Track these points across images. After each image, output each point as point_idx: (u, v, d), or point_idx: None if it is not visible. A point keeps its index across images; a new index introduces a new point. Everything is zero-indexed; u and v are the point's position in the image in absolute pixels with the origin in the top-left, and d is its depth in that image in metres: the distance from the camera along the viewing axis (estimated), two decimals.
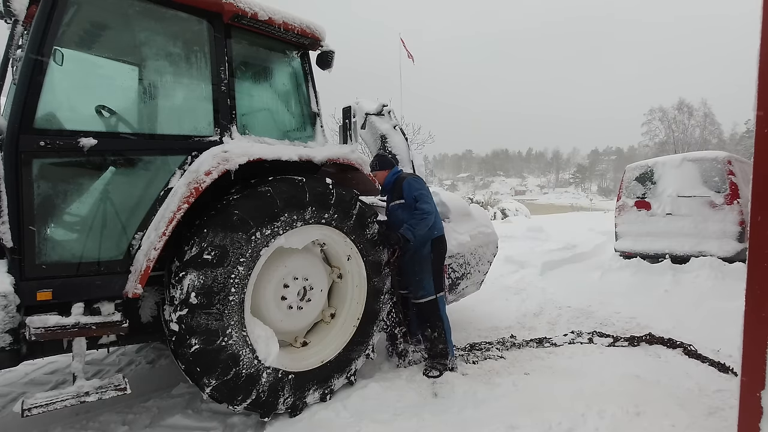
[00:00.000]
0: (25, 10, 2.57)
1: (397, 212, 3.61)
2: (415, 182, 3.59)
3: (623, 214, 7.19)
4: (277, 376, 2.81)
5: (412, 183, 3.58)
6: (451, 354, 3.60)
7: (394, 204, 3.66)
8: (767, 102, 1.59)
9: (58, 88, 2.36)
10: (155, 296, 2.76)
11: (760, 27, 1.60)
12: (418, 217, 3.42)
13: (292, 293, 3.04)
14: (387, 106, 4.97)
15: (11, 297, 2.11)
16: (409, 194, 3.52)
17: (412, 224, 3.39)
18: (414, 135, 16.84)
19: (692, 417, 2.72)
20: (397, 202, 3.63)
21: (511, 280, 6.81)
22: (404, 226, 3.40)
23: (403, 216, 3.54)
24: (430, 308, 3.58)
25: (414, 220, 3.41)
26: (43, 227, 2.27)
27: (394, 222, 3.63)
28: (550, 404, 2.89)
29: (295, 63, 3.35)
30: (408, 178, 3.62)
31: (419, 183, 3.60)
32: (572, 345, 4.10)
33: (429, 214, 3.43)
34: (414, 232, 3.37)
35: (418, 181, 3.63)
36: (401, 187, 3.59)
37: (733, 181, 6.09)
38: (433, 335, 3.57)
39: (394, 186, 3.67)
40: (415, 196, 3.49)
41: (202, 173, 2.52)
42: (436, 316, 3.59)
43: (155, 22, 2.70)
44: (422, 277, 3.56)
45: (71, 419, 2.92)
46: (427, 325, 3.61)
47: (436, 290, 3.60)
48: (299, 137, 3.31)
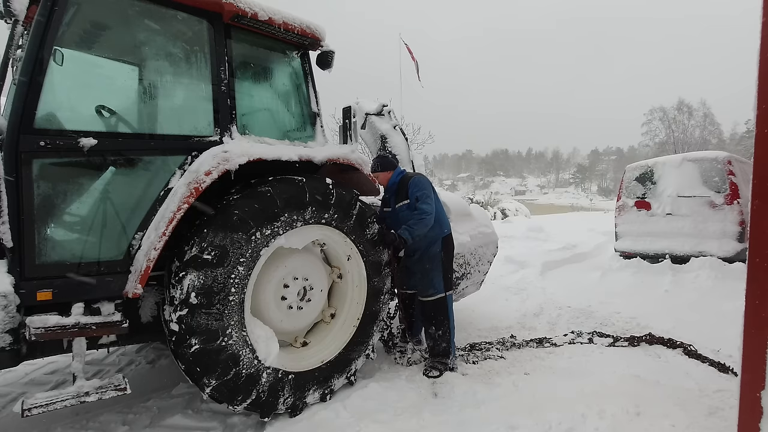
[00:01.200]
0: (25, 10, 2.57)
1: (404, 213, 3.52)
2: (420, 182, 3.53)
3: (623, 214, 7.19)
4: (277, 376, 2.81)
5: (417, 182, 3.52)
6: (453, 354, 3.59)
7: (400, 205, 3.57)
8: (767, 102, 1.59)
9: (58, 88, 2.36)
10: (155, 296, 2.77)
11: (760, 27, 1.60)
12: (417, 217, 3.38)
13: (292, 293, 3.04)
14: (387, 106, 4.98)
15: (11, 297, 2.11)
16: (411, 194, 3.48)
17: (411, 224, 3.36)
18: (414, 135, 16.85)
19: (692, 417, 2.72)
20: (404, 203, 3.54)
21: (511, 280, 6.80)
22: (403, 226, 3.37)
23: (408, 217, 3.48)
24: (438, 306, 3.56)
25: (413, 220, 3.38)
26: (43, 227, 2.27)
27: (399, 224, 3.52)
28: (550, 404, 2.89)
29: (295, 63, 3.35)
30: (414, 178, 3.56)
31: (423, 183, 3.53)
32: (572, 345, 4.10)
33: (428, 215, 3.39)
34: (412, 233, 3.33)
35: (423, 180, 3.56)
36: (407, 187, 3.53)
37: (733, 181, 6.09)
38: (437, 333, 3.55)
39: (399, 187, 3.60)
40: (417, 195, 3.45)
41: (202, 173, 2.52)
42: (443, 314, 3.56)
43: (155, 22, 2.70)
44: (433, 275, 3.53)
45: (71, 419, 2.92)
46: (432, 323, 3.58)
47: (445, 288, 3.58)
48: (299, 137, 3.31)
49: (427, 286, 3.55)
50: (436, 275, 3.54)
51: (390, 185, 3.65)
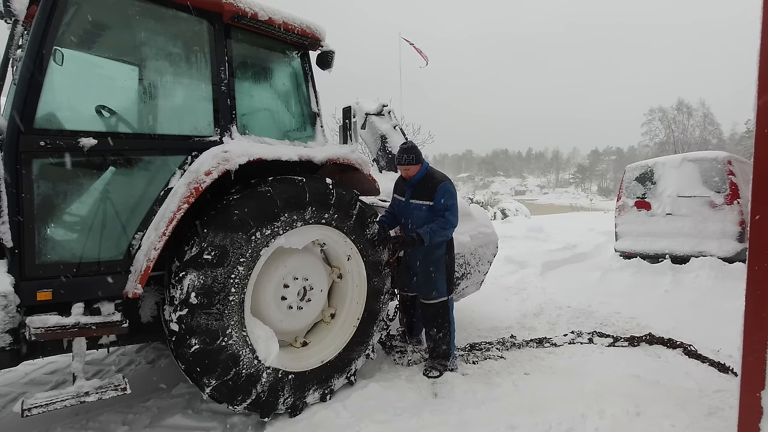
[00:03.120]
0: (25, 10, 2.57)
1: (421, 212, 3.45)
2: (451, 190, 3.43)
3: (623, 214, 7.19)
4: (277, 376, 2.81)
5: (448, 190, 3.41)
6: (453, 356, 3.59)
7: (418, 203, 3.46)
8: (767, 102, 1.59)
9: (58, 88, 2.36)
10: (155, 296, 2.76)
11: (760, 27, 1.60)
12: (441, 224, 3.33)
13: (292, 293, 3.04)
14: (387, 106, 4.98)
15: (11, 297, 2.11)
16: (438, 199, 3.37)
17: (434, 230, 3.30)
18: (414, 135, 16.82)
19: (692, 417, 2.72)
20: (425, 202, 3.43)
21: (511, 280, 6.80)
22: (425, 228, 3.32)
23: (423, 217, 3.42)
24: (440, 309, 3.55)
25: (436, 225, 3.32)
26: (43, 227, 2.27)
27: (408, 218, 3.50)
28: (550, 404, 2.90)
29: (295, 63, 3.35)
30: (445, 183, 3.44)
31: (454, 192, 3.45)
32: (572, 345, 4.10)
33: (453, 228, 3.40)
34: (432, 238, 3.32)
35: (453, 189, 3.46)
36: (433, 190, 3.40)
37: (733, 181, 6.09)
38: (438, 335, 3.54)
39: (422, 183, 3.48)
40: (447, 204, 3.37)
41: (202, 173, 2.52)
42: (445, 317, 3.56)
43: (155, 22, 2.70)
44: (437, 278, 3.51)
45: (71, 419, 2.92)
46: (433, 326, 3.57)
47: (448, 291, 3.57)
48: (299, 137, 3.31)
49: (430, 289, 3.53)
50: (440, 279, 3.52)
51: (415, 178, 3.50)
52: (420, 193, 3.47)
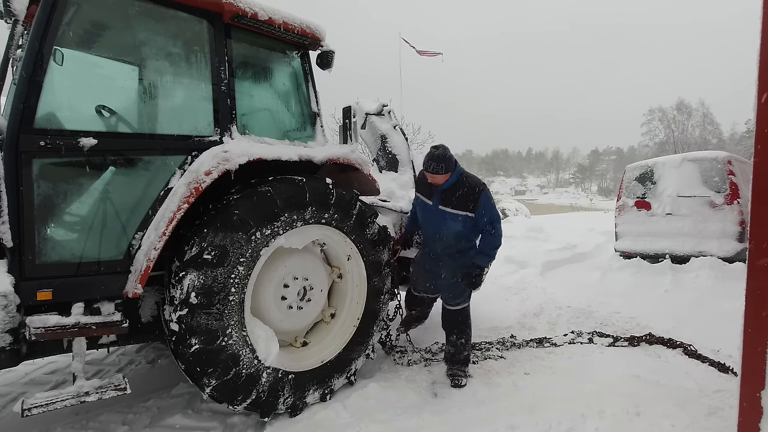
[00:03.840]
0: (25, 10, 2.57)
1: (456, 222, 3.21)
2: (491, 199, 3.22)
3: (623, 214, 7.19)
4: (277, 376, 2.81)
5: (490, 200, 3.20)
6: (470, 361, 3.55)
7: (452, 212, 3.20)
8: (766, 102, 1.59)
9: (58, 88, 2.36)
10: (155, 296, 2.76)
11: (760, 27, 1.60)
12: (493, 243, 3.22)
13: (292, 293, 3.04)
14: (387, 106, 4.97)
15: (11, 297, 2.11)
16: (480, 209, 3.16)
17: (489, 252, 3.25)
18: (414, 135, 16.82)
19: (692, 417, 2.72)
20: (461, 212, 3.18)
21: (511, 280, 6.80)
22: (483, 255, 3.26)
23: (459, 227, 3.22)
24: (464, 315, 3.49)
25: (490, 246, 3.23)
26: (43, 227, 2.27)
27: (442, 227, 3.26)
28: (550, 404, 2.90)
29: (295, 63, 3.35)
30: (485, 192, 3.19)
31: (492, 198, 3.25)
32: (572, 345, 4.10)
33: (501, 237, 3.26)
34: (491, 260, 3.31)
35: (491, 195, 3.25)
36: (470, 199, 3.16)
37: (733, 181, 6.09)
38: (459, 341, 3.45)
39: (455, 189, 3.20)
40: (492, 217, 3.18)
41: (202, 173, 2.53)
42: (467, 323, 3.50)
43: (155, 22, 2.70)
44: (464, 284, 3.38)
45: (71, 419, 2.92)
46: (454, 331, 3.46)
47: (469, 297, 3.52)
48: (299, 137, 3.31)
49: (457, 294, 3.42)
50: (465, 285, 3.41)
51: (445, 185, 3.21)
52: (453, 200, 3.20)
